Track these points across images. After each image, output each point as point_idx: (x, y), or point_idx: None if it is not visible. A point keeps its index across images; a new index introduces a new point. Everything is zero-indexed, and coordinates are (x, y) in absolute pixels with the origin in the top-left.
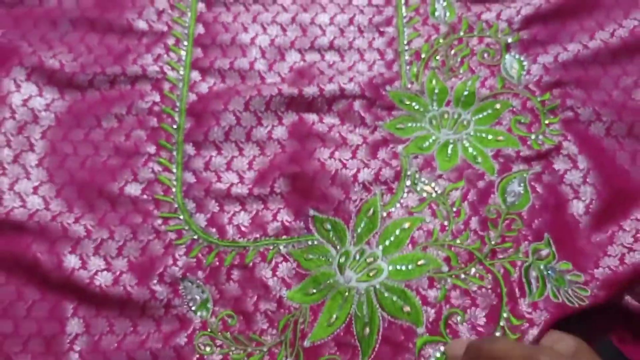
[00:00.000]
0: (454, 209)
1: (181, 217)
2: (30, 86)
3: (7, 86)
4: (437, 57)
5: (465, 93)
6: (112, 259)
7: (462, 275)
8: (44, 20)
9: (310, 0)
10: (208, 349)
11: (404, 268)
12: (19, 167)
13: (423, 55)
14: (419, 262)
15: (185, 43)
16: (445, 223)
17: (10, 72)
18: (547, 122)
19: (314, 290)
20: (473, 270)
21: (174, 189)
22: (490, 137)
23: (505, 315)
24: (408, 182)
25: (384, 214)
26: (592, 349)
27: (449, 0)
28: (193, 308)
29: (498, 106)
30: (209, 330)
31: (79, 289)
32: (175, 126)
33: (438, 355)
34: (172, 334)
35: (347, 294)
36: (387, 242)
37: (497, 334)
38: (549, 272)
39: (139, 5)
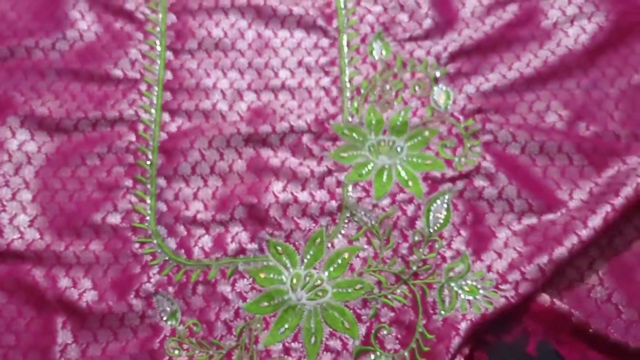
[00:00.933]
0: (385, 237)
1: (155, 241)
2: (24, 132)
3: (4, 134)
4: (375, 92)
5: (399, 122)
6: (99, 280)
7: (389, 296)
8: (33, 71)
9: (264, 44)
10: (177, 352)
11: (344, 291)
12: (16, 203)
13: (362, 91)
14: (357, 286)
15: (156, 88)
16: (377, 251)
17: (6, 121)
18: (469, 145)
19: (267, 304)
20: (398, 290)
21: (148, 217)
22: (420, 161)
23: (420, 330)
24: (348, 214)
25: (329, 245)
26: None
27: (384, 40)
28: (164, 318)
29: (427, 133)
30: (177, 336)
31: (68, 305)
32: (149, 162)
33: None
34: (147, 340)
35: (297, 309)
36: (331, 269)
37: (413, 344)
38: (462, 285)
39: (115, 56)
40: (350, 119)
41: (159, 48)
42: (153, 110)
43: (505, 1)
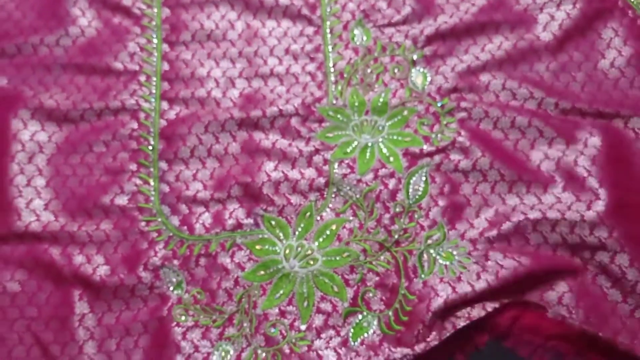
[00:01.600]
0: (369, 209)
1: (159, 219)
2: (35, 124)
3: (17, 126)
4: (357, 76)
5: (380, 103)
6: (110, 256)
7: (374, 262)
8: (40, 66)
9: (253, 34)
10: (183, 318)
11: (333, 259)
12: (31, 189)
13: (345, 75)
14: (344, 254)
15: (154, 79)
16: (362, 222)
17: (17, 114)
18: (445, 122)
19: (263, 272)
20: (382, 257)
21: (152, 198)
22: (400, 138)
23: (402, 292)
24: (335, 189)
25: (318, 218)
26: None
27: (365, 26)
28: (171, 288)
29: (406, 112)
30: (183, 304)
31: (84, 279)
32: (151, 147)
33: (358, 320)
34: (156, 309)
35: (291, 276)
36: (320, 239)
37: (396, 305)
38: (439, 252)
39: (115, 50)
40: (334, 101)
41: (155, 41)
42: (152, 100)
43: None
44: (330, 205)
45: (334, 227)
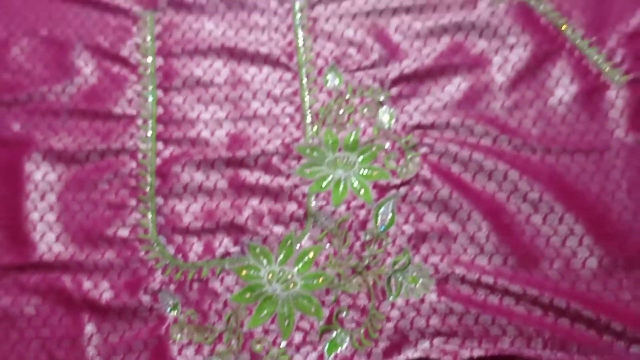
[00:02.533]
0: (342, 238)
1: (157, 249)
2: (46, 165)
3: (30, 167)
4: (331, 116)
5: (351, 141)
6: (114, 282)
7: (347, 285)
8: (48, 112)
9: (237, 80)
10: (179, 336)
11: (311, 282)
12: (44, 224)
13: (320, 116)
14: (320, 279)
15: (150, 122)
16: (337, 249)
17: (31, 156)
18: (410, 157)
19: (249, 295)
20: (354, 280)
21: (150, 230)
22: (369, 172)
23: (372, 312)
24: (312, 220)
25: (298, 246)
26: None
27: (337, 71)
28: (168, 310)
29: (374, 149)
30: (179, 324)
31: (92, 303)
32: (148, 185)
33: (332, 336)
34: (155, 328)
35: (273, 298)
36: (300, 265)
37: (367, 323)
38: (405, 276)
39: (114, 97)
40: (311, 140)
41: (150, 87)
42: (149, 141)
43: (440, 34)
44: (309, 234)
45: (311, 254)
